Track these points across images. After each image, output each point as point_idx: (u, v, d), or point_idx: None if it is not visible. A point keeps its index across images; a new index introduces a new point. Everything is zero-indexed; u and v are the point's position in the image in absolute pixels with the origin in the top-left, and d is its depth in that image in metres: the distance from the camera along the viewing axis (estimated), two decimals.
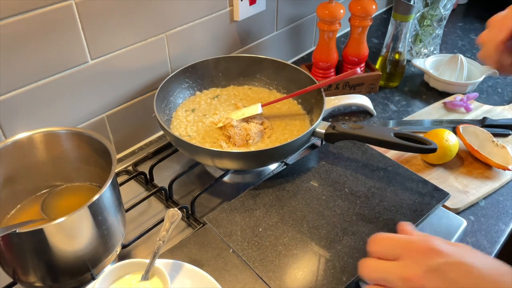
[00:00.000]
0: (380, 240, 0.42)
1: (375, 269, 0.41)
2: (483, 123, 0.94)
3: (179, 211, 0.61)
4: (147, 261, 0.55)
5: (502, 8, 0.65)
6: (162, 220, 0.72)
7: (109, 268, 0.54)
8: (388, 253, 0.41)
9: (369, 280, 0.41)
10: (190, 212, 0.74)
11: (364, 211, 0.67)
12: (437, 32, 1.17)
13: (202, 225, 0.71)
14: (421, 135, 0.72)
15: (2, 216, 0.63)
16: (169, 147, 0.87)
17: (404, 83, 1.13)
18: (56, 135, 0.63)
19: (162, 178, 0.82)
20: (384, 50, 1.13)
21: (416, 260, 0.38)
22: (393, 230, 0.64)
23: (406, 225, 0.44)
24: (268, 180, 0.73)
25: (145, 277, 0.55)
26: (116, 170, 0.78)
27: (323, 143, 0.85)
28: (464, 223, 0.73)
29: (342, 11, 1.00)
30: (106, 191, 0.54)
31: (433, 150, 0.69)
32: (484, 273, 0.37)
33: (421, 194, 0.70)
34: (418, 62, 1.11)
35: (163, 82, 0.82)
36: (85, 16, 0.69)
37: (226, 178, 0.82)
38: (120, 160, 0.87)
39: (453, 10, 1.48)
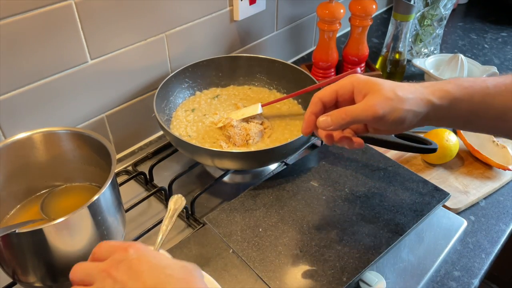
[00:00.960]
0: (98, 245, 0.43)
1: (83, 267, 0.42)
2: None
3: (183, 198, 0.58)
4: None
5: (502, 8, 0.65)
6: (162, 220, 0.71)
7: None
8: (102, 255, 0.43)
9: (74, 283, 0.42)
10: (190, 212, 0.74)
11: (364, 211, 0.67)
12: (437, 32, 1.17)
13: (202, 225, 0.71)
14: (422, 135, 0.72)
15: (2, 216, 0.63)
16: (169, 147, 0.87)
17: None
18: (56, 135, 0.63)
19: (162, 178, 0.82)
20: (384, 50, 1.13)
21: (116, 256, 0.41)
22: (393, 230, 0.64)
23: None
24: (268, 180, 0.73)
25: None
26: (116, 170, 0.78)
27: (323, 143, 0.85)
28: (465, 223, 0.73)
29: (342, 10, 1.00)
30: (105, 191, 0.54)
31: (434, 150, 0.69)
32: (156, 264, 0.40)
33: (422, 194, 0.70)
34: (419, 62, 1.11)
35: (163, 82, 0.82)
36: (85, 16, 0.69)
37: (226, 178, 0.82)
38: (120, 160, 0.87)
39: (453, 10, 1.48)
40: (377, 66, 1.14)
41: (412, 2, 1.02)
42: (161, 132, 0.93)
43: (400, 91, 0.52)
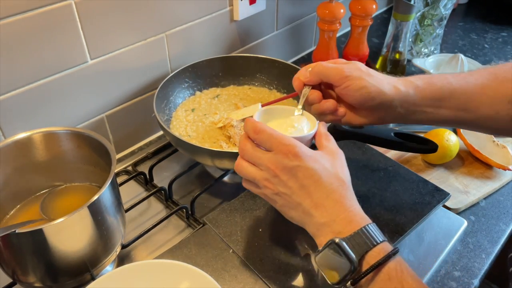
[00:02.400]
0: (261, 131, 0.51)
1: (252, 154, 0.52)
2: None
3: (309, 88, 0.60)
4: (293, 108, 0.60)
5: (502, 7, 0.66)
6: (162, 220, 0.72)
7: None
8: (265, 145, 0.51)
9: (242, 157, 0.53)
10: (190, 212, 0.74)
11: (364, 211, 0.67)
12: (437, 31, 1.17)
13: (202, 225, 0.71)
14: (422, 135, 0.72)
15: (2, 216, 0.63)
16: (169, 147, 0.87)
17: None
18: (56, 135, 0.63)
19: (161, 178, 0.82)
20: (384, 49, 1.13)
21: (281, 157, 0.50)
22: (394, 230, 0.64)
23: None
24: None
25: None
26: (115, 170, 0.78)
27: None
28: (465, 223, 0.73)
29: (342, 10, 1.00)
30: (105, 191, 0.54)
31: (434, 150, 0.69)
32: (321, 179, 0.49)
33: (422, 194, 0.70)
34: (419, 62, 1.11)
35: (163, 82, 0.82)
36: (84, 16, 0.69)
37: (226, 178, 0.82)
38: (119, 160, 0.87)
39: (453, 10, 1.48)
40: (377, 66, 1.14)
41: (412, 2, 1.02)
42: (161, 132, 0.93)
43: (373, 71, 0.58)
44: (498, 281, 1.21)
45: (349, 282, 0.46)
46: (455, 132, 0.87)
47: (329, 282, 0.48)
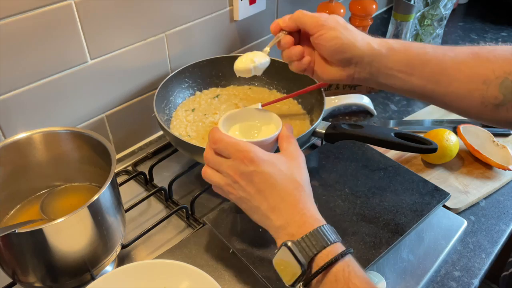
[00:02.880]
0: (218, 140, 0.53)
1: (213, 161, 0.55)
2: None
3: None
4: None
5: (502, 7, 0.66)
6: (162, 220, 0.72)
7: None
8: (224, 153, 0.53)
9: (207, 164, 0.56)
10: (190, 212, 0.74)
11: (364, 211, 0.67)
12: (437, 31, 1.17)
13: (202, 225, 0.71)
14: (422, 135, 0.72)
15: (2, 216, 0.63)
16: (169, 147, 0.87)
17: None
18: (56, 135, 0.63)
19: (161, 178, 0.82)
20: None
21: (238, 163, 0.52)
22: (393, 230, 0.64)
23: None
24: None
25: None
26: (115, 170, 0.78)
27: (323, 143, 0.85)
28: (465, 223, 0.73)
29: (342, 10, 1.00)
30: (105, 191, 0.54)
31: (433, 150, 0.69)
32: (276, 183, 0.51)
33: (422, 194, 0.70)
34: None
35: (163, 82, 0.82)
36: (84, 16, 0.69)
37: None
38: (119, 160, 0.87)
39: (453, 10, 1.48)
40: None
41: (412, 2, 1.02)
42: (161, 132, 0.93)
43: (350, 26, 0.60)
44: (498, 281, 1.21)
45: (300, 284, 0.47)
46: (455, 132, 0.87)
47: (285, 283, 0.49)
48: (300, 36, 0.63)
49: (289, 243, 0.47)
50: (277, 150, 0.58)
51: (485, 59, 0.55)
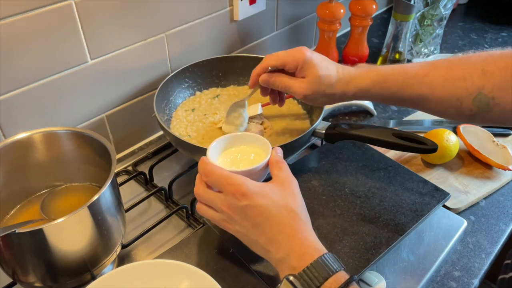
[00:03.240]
0: (210, 173, 0.53)
1: (206, 197, 0.54)
2: None
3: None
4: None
5: (502, 7, 0.67)
6: (162, 220, 0.72)
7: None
8: (215, 186, 0.53)
9: (200, 202, 0.55)
10: (190, 212, 0.74)
11: (364, 211, 0.67)
12: (437, 31, 1.17)
13: (202, 225, 0.71)
14: (422, 135, 0.72)
15: (2, 216, 0.63)
16: (169, 147, 0.87)
17: None
18: (56, 135, 0.63)
19: (162, 178, 0.82)
20: (384, 49, 1.13)
21: (230, 198, 0.51)
22: (393, 230, 0.64)
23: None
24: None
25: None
26: (116, 170, 0.78)
27: (323, 143, 0.85)
28: (465, 223, 0.73)
29: (342, 10, 1.00)
30: (105, 191, 0.54)
31: (433, 150, 0.69)
32: (271, 215, 0.50)
33: (422, 194, 0.70)
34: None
35: (163, 82, 0.82)
36: (85, 16, 0.69)
37: None
38: (120, 160, 0.87)
39: (453, 10, 1.48)
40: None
41: (412, 2, 1.02)
42: (161, 132, 0.93)
43: (332, 77, 0.65)
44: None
45: None
46: (455, 132, 0.87)
47: None
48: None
49: (291, 278, 0.46)
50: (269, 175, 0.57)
51: (459, 78, 0.59)
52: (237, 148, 0.60)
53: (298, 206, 0.52)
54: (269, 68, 0.69)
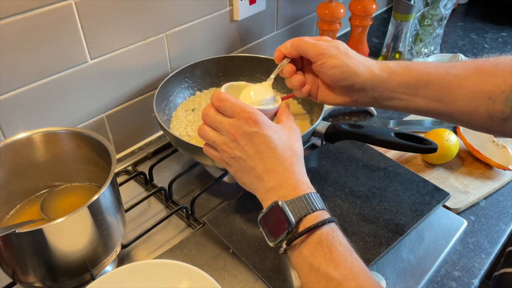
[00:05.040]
0: (224, 99, 0.54)
1: (214, 118, 0.55)
2: None
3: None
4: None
5: (502, 7, 0.67)
6: (162, 220, 0.72)
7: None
8: (227, 112, 0.54)
9: (204, 122, 0.56)
10: (190, 212, 0.74)
11: (364, 211, 0.67)
12: (437, 31, 1.17)
13: (202, 225, 0.71)
14: (422, 135, 0.72)
15: (2, 216, 0.63)
16: (169, 147, 0.87)
17: None
18: (56, 135, 0.63)
19: (161, 178, 0.82)
20: (384, 49, 1.13)
21: (241, 123, 0.53)
22: (393, 230, 0.64)
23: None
24: None
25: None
26: (115, 170, 0.78)
27: (323, 143, 0.85)
28: (465, 223, 0.73)
29: (342, 10, 1.00)
30: (105, 191, 0.54)
31: (433, 150, 0.69)
32: (276, 147, 0.52)
33: (422, 194, 0.70)
34: None
35: (162, 82, 0.82)
36: (84, 16, 0.69)
37: (226, 178, 0.82)
38: (119, 160, 0.87)
39: (453, 10, 1.48)
40: None
41: (412, 2, 1.02)
42: (161, 132, 0.93)
43: (351, 52, 0.61)
44: None
45: (284, 243, 0.49)
46: (455, 132, 0.87)
47: (267, 241, 0.51)
48: (303, 61, 0.64)
49: (280, 202, 0.49)
50: None
51: (489, 73, 0.55)
52: (250, 97, 0.61)
53: (300, 149, 0.56)
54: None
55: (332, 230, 0.48)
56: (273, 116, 0.60)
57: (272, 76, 0.64)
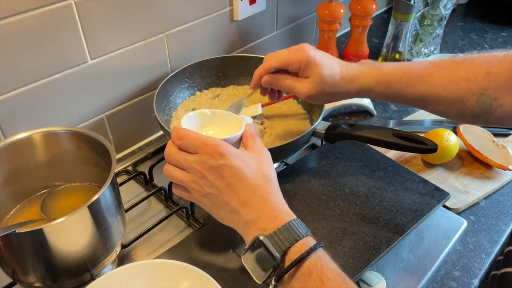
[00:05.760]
0: (184, 136, 0.52)
1: (177, 158, 0.52)
2: None
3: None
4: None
5: (502, 7, 0.69)
6: (162, 220, 0.72)
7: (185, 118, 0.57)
8: (190, 149, 0.52)
9: (169, 162, 0.54)
10: (190, 212, 0.74)
11: (364, 211, 0.67)
12: (437, 31, 1.17)
13: (202, 225, 0.71)
14: (422, 135, 0.72)
15: (2, 216, 0.63)
16: None
17: None
18: (56, 135, 0.63)
19: (162, 178, 0.82)
20: (384, 49, 1.13)
21: (206, 158, 0.50)
22: (393, 230, 0.64)
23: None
24: None
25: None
26: (115, 170, 0.78)
27: (323, 143, 0.85)
28: (465, 223, 0.73)
29: (342, 10, 1.00)
30: (105, 191, 0.54)
31: (433, 150, 0.69)
32: (247, 177, 0.50)
33: (422, 194, 0.70)
34: None
35: (163, 82, 0.82)
36: (84, 16, 0.69)
37: None
38: (119, 160, 0.87)
39: (453, 10, 1.48)
40: None
41: (412, 2, 1.02)
42: (161, 132, 0.93)
43: (336, 76, 0.65)
44: None
45: (273, 279, 0.46)
46: (455, 132, 0.87)
47: (256, 281, 0.48)
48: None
49: (261, 237, 0.47)
50: None
51: (463, 79, 0.60)
52: (209, 127, 0.59)
53: (272, 173, 0.53)
54: (272, 69, 0.68)
55: (319, 257, 0.46)
56: (239, 141, 0.57)
57: (244, 101, 0.75)
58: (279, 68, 0.67)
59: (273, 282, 0.46)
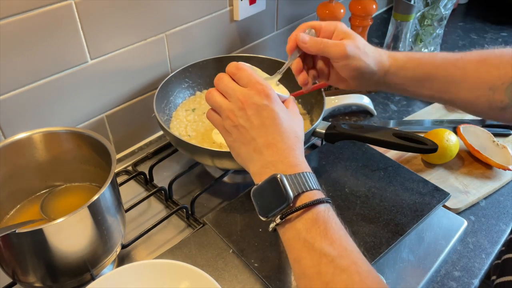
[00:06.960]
0: (242, 69, 0.55)
1: (227, 84, 0.55)
2: (484, 123, 0.94)
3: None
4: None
5: (502, 7, 0.69)
6: (162, 220, 0.72)
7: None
8: (242, 81, 0.54)
9: (216, 87, 0.56)
10: (190, 212, 0.74)
11: (364, 211, 0.67)
12: (437, 31, 1.17)
13: (202, 225, 0.71)
14: (422, 135, 0.72)
15: (2, 216, 0.63)
16: (169, 147, 0.87)
17: None
18: (56, 135, 0.63)
19: (162, 178, 0.82)
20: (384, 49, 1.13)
21: (253, 93, 0.53)
22: (393, 230, 0.64)
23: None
24: None
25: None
26: (115, 170, 0.78)
27: (323, 143, 0.85)
28: (465, 223, 0.73)
29: (342, 10, 1.00)
30: (105, 191, 0.54)
31: (433, 150, 0.69)
32: (282, 124, 0.53)
33: (422, 194, 0.70)
34: None
35: (163, 82, 0.82)
36: (84, 16, 0.69)
37: (226, 178, 0.82)
38: (119, 160, 0.87)
39: (453, 10, 1.48)
40: None
41: (412, 2, 1.02)
42: (161, 132, 0.93)
43: (367, 48, 0.64)
44: None
45: (278, 217, 0.48)
46: (455, 132, 0.87)
47: (258, 215, 0.50)
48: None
49: (279, 175, 0.48)
50: None
51: (492, 66, 0.59)
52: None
53: (302, 137, 0.56)
54: (306, 30, 0.64)
55: (328, 209, 0.48)
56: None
57: (281, 70, 0.64)
58: (314, 27, 0.65)
59: (277, 220, 0.48)
